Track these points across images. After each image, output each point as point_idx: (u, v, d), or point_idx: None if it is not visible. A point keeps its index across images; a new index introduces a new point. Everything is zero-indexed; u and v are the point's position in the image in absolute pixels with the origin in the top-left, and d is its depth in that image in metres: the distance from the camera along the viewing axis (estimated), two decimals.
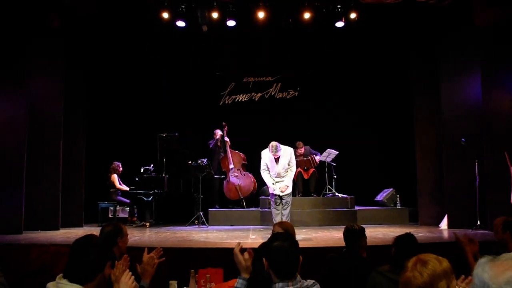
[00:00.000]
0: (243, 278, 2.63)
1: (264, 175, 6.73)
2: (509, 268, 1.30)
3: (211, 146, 9.14)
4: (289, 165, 6.70)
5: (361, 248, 3.69)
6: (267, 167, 6.67)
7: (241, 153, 9.14)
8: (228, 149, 8.98)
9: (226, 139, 9.00)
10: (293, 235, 3.30)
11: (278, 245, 2.43)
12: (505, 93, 6.93)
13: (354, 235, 3.70)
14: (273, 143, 6.57)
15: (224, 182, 9.02)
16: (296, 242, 2.52)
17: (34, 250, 5.30)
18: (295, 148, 8.29)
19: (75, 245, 2.45)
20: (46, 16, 6.92)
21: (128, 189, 8.54)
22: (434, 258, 1.92)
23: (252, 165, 9.35)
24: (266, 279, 2.52)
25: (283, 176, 6.67)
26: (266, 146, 9.99)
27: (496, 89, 6.99)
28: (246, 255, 2.75)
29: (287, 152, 6.70)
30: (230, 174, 8.95)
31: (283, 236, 2.56)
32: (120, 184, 8.54)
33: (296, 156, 8.03)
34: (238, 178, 8.95)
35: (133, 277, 2.52)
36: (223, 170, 9.06)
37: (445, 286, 1.85)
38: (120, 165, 8.63)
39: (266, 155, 6.66)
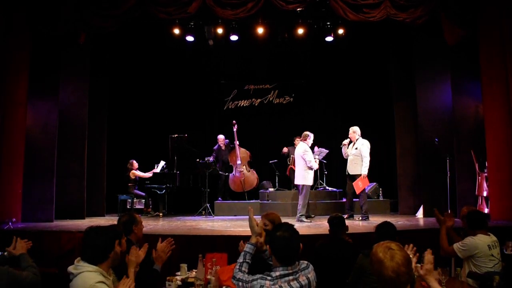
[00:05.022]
0: (251, 244, 2.62)
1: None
2: None
3: (215, 148, 9.17)
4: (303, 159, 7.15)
5: (344, 232, 3.87)
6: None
7: (247, 151, 9.13)
8: (237, 147, 8.98)
9: (236, 142, 8.98)
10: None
11: (281, 235, 2.38)
12: (471, 100, 7.02)
13: (338, 221, 3.87)
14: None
15: (231, 175, 9.03)
16: (297, 232, 2.45)
17: (64, 236, 5.40)
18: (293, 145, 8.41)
19: (87, 231, 2.51)
20: (76, 34, 6.95)
21: (151, 174, 8.52)
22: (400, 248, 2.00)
23: (255, 162, 9.44)
24: (266, 263, 2.53)
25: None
26: (265, 145, 10.05)
27: (463, 96, 7.07)
28: (261, 222, 2.74)
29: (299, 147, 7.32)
30: (236, 168, 8.97)
31: (286, 227, 2.48)
32: (141, 175, 8.54)
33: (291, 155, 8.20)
34: (243, 173, 8.96)
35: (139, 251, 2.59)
36: (230, 164, 9.06)
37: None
38: (134, 162, 8.57)
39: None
